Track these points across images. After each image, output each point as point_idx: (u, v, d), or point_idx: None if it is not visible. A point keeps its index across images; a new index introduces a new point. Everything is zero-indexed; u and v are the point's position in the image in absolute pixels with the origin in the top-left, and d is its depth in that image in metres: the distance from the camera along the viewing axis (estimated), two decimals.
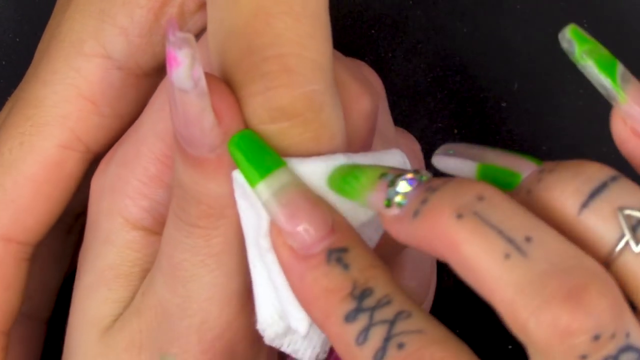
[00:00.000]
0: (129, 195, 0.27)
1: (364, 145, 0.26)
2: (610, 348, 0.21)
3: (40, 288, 0.33)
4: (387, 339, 0.22)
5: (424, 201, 0.22)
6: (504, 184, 0.24)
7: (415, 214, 0.22)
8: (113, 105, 0.29)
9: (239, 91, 0.23)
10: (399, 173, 0.23)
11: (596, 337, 0.21)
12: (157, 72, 0.29)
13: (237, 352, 0.26)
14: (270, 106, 0.23)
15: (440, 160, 0.26)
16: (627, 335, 0.21)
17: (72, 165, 0.29)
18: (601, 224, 0.22)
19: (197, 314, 0.25)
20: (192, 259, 0.25)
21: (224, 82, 0.24)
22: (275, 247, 0.23)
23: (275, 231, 0.23)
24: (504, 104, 0.39)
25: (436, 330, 0.22)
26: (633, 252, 0.22)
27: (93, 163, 0.29)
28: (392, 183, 0.23)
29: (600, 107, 0.39)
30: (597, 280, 0.21)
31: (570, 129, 0.39)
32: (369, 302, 0.22)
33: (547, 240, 0.21)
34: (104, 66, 0.28)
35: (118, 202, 0.27)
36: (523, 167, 0.24)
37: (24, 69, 0.31)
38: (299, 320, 0.24)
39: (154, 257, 0.27)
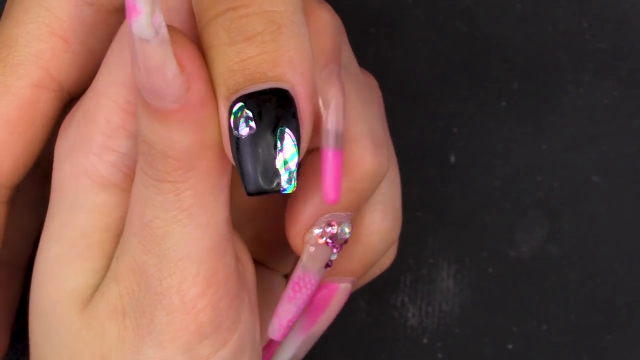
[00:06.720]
0: (93, 152, 0.26)
1: (330, 62, 0.26)
2: None
3: (18, 234, 0.33)
4: None
5: None
6: None
7: None
8: (85, 42, 0.28)
9: (206, 16, 0.24)
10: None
11: None
12: None
13: (221, 308, 0.26)
14: (229, 26, 0.23)
15: None
16: None
17: (46, 104, 0.28)
18: None
19: (175, 273, 0.25)
20: (164, 216, 0.25)
21: (183, 32, 0.24)
22: None
23: None
24: (504, 104, 0.39)
25: None
26: None
27: (66, 104, 0.29)
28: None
29: (600, 106, 0.39)
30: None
31: (570, 129, 0.39)
32: None
33: None
34: (75, 3, 0.28)
35: (82, 161, 0.26)
36: None
37: None
38: None
39: (125, 220, 0.27)
